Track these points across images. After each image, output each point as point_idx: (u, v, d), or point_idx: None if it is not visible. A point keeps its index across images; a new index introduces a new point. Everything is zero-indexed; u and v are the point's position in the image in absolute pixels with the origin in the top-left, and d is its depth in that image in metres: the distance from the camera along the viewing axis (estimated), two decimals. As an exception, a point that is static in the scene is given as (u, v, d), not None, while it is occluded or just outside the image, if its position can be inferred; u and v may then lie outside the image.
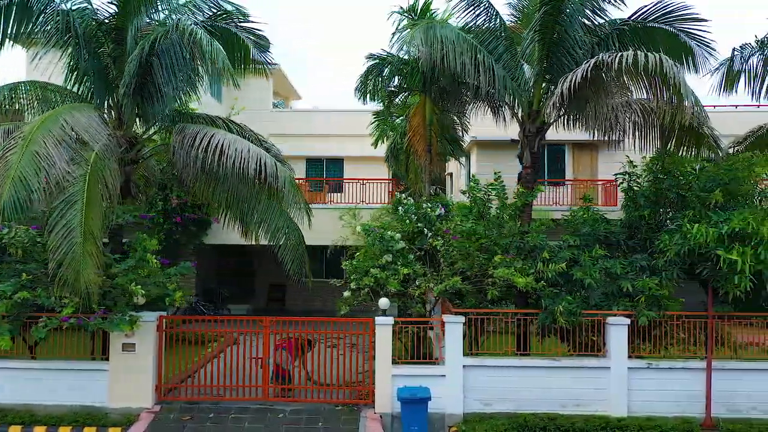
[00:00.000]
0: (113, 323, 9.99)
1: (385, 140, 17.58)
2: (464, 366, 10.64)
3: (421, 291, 10.82)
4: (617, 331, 10.54)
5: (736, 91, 12.45)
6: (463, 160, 20.42)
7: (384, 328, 10.69)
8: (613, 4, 11.38)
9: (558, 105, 10.71)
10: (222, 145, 10.84)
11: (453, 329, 10.65)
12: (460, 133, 17.09)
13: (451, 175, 25.04)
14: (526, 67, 12.07)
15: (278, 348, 11.30)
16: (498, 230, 11.45)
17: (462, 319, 10.64)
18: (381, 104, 15.84)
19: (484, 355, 10.80)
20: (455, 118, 15.26)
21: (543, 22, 10.83)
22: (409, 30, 10.36)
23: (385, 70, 13.91)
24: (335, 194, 21.39)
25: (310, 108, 25.54)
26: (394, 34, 10.39)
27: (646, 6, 10.88)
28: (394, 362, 10.71)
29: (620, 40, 11.43)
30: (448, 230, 10.96)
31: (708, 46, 10.80)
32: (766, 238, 9.56)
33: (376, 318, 10.75)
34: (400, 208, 12.84)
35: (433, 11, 12.96)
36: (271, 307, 23.11)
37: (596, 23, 11.65)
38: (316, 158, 23.89)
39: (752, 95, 12.43)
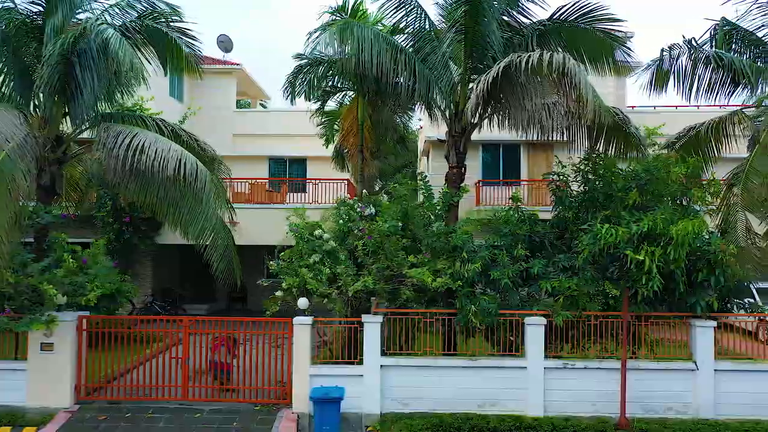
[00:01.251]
0: (24, 323, 9.98)
1: (334, 140, 17.61)
2: (382, 366, 10.64)
3: (339, 291, 10.80)
4: (534, 331, 10.55)
5: (665, 91, 12.45)
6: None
7: (302, 328, 10.70)
8: (537, 4, 11.37)
9: (477, 105, 10.72)
10: (143, 144, 10.88)
11: (370, 329, 10.66)
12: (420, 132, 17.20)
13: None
14: (454, 67, 12.08)
15: (216, 346, 11.37)
16: (424, 230, 11.47)
17: (379, 319, 10.65)
18: (317, 104, 15.82)
19: (402, 356, 10.80)
20: (398, 117, 15.26)
21: (463, 22, 10.83)
22: (324, 30, 10.36)
23: (320, 70, 13.89)
24: (299, 194, 21.44)
25: (273, 108, 25.55)
26: (310, 34, 10.42)
27: (564, 6, 10.89)
28: (313, 362, 10.73)
29: (545, 40, 11.44)
30: (363, 229, 10.95)
31: (625, 46, 10.81)
32: (675, 239, 9.57)
33: (294, 318, 10.76)
34: (341, 207, 12.85)
35: (367, 11, 12.95)
36: (233, 307, 23.15)
37: (521, 23, 11.65)
38: (279, 158, 23.92)
39: (682, 95, 12.43)
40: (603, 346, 10.79)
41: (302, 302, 10.81)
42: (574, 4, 10.72)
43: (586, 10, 10.71)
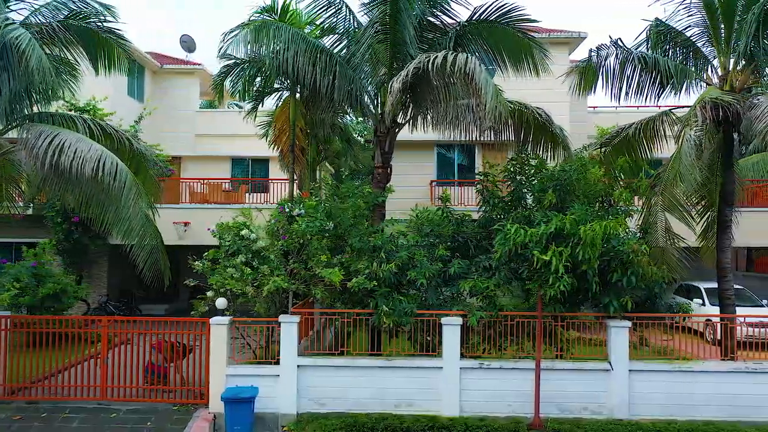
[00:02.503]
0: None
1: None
2: (299, 366, 10.65)
3: (257, 291, 10.80)
4: (450, 331, 10.56)
5: (594, 92, 12.46)
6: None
7: (219, 328, 10.71)
8: (461, 4, 11.38)
9: (395, 106, 10.74)
10: (63, 144, 10.84)
11: (287, 329, 10.66)
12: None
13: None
14: (382, 68, 12.09)
15: (153, 348, 11.40)
16: (349, 230, 11.47)
17: (296, 319, 10.65)
18: (250, 104, 15.80)
19: (318, 356, 10.81)
20: (340, 118, 15.25)
21: (381, 22, 10.84)
22: (241, 29, 10.34)
23: (250, 70, 13.87)
24: (262, 194, 21.42)
25: (235, 109, 25.51)
26: (225, 34, 10.38)
27: (483, 6, 10.90)
28: (230, 362, 10.74)
29: (466, 41, 11.47)
30: (279, 229, 10.96)
31: (541, 47, 10.82)
32: (584, 239, 9.58)
33: (211, 318, 10.78)
34: (286, 207, 12.84)
35: (299, 11, 12.94)
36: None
37: (445, 23, 11.65)
38: (241, 158, 23.90)
39: (611, 96, 12.43)
40: (520, 346, 10.80)
41: (220, 302, 10.83)
42: (492, 4, 10.74)
43: (505, 10, 10.73)
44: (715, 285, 18.38)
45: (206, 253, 11.72)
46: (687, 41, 12.37)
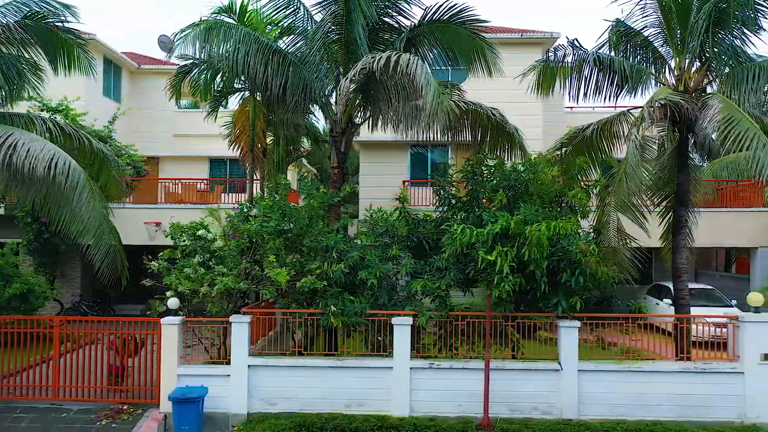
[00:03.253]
0: None
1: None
2: (249, 366, 10.65)
3: (208, 291, 10.80)
4: (400, 331, 10.56)
5: (552, 92, 12.45)
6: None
7: (170, 328, 10.71)
8: (415, 4, 11.38)
9: (351, 106, 10.75)
10: (16, 144, 10.85)
11: (238, 329, 10.67)
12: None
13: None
14: (338, 69, 12.10)
15: (109, 348, 11.42)
16: (305, 230, 11.47)
17: (247, 319, 10.66)
18: (208, 105, 15.81)
19: (269, 356, 10.82)
20: (305, 118, 15.25)
21: (333, 22, 10.84)
22: (189, 30, 10.34)
23: (211, 71, 13.84)
24: (239, 194, 21.40)
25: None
26: (175, 34, 10.36)
27: (435, 6, 10.91)
28: (182, 362, 10.75)
29: (420, 41, 11.48)
30: (229, 230, 10.97)
31: (491, 47, 10.83)
32: (530, 239, 9.60)
33: (162, 318, 10.79)
34: (244, 208, 12.85)
35: (260, 12, 12.91)
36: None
37: (401, 24, 11.67)
38: (219, 159, 23.89)
39: (569, 96, 12.44)
40: (471, 346, 10.81)
41: (172, 302, 10.84)
42: (443, 4, 10.75)
43: (456, 10, 10.74)
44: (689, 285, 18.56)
45: (161, 253, 11.73)
46: (645, 41, 12.37)
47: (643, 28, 12.31)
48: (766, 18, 11.14)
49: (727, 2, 10.48)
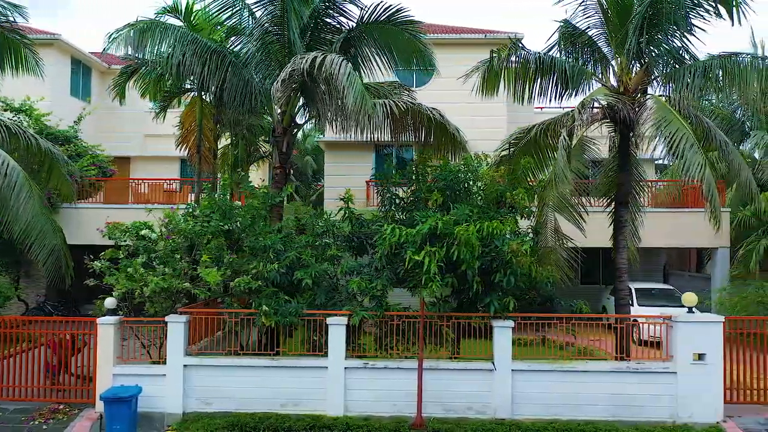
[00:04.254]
0: None
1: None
2: (185, 365, 10.67)
3: (142, 291, 10.82)
4: (335, 331, 10.57)
5: (497, 93, 12.48)
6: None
7: (106, 328, 10.74)
8: (355, 4, 11.41)
9: (288, 106, 10.78)
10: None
11: (174, 329, 10.69)
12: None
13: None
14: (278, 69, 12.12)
15: (47, 347, 11.45)
16: (247, 230, 11.51)
17: (183, 319, 10.68)
18: (156, 105, 15.82)
19: (205, 355, 10.85)
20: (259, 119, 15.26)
21: (272, 22, 10.87)
22: (124, 30, 10.36)
23: (157, 71, 13.86)
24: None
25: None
26: (109, 34, 10.35)
27: (371, 6, 10.95)
28: (119, 362, 10.77)
29: (359, 42, 11.53)
30: (165, 230, 11.00)
31: (426, 47, 10.88)
32: (459, 239, 9.63)
33: (98, 318, 10.82)
34: (190, 208, 12.85)
35: (207, 11, 12.90)
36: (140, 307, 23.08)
37: (342, 24, 11.70)
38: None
39: (514, 97, 12.47)
40: (406, 346, 10.83)
41: (109, 302, 10.87)
42: (379, 5, 10.79)
43: (392, 10, 10.79)
44: (646, 285, 18.64)
45: (103, 253, 11.73)
46: (590, 41, 12.40)
47: (587, 29, 12.35)
48: (700, 18, 11.17)
49: (660, 3, 10.50)
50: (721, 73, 10.80)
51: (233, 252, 11.44)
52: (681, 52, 12.09)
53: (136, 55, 10.71)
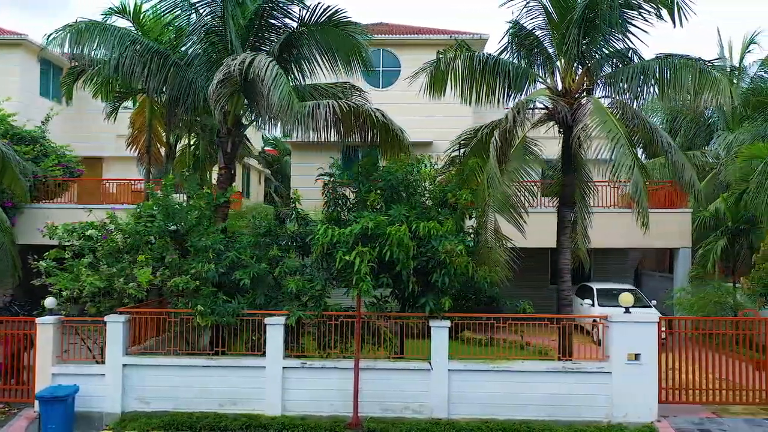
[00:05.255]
0: None
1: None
2: (124, 365, 10.72)
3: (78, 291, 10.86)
4: (273, 331, 10.62)
5: (444, 94, 12.50)
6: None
7: (45, 327, 10.79)
8: (300, 5, 11.44)
9: (234, 107, 10.82)
10: None
11: (113, 329, 10.74)
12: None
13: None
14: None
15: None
16: (192, 230, 11.54)
17: (121, 318, 10.73)
18: (109, 106, 15.86)
19: (143, 355, 10.88)
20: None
21: (213, 23, 10.91)
22: (62, 31, 10.40)
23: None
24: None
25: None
26: (48, 35, 10.38)
27: (311, 6, 11.01)
28: (58, 361, 10.81)
29: (302, 42, 11.56)
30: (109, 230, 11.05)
31: (364, 48, 10.93)
32: (391, 239, 9.68)
33: (37, 318, 10.86)
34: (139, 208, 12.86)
35: (157, 11, 12.91)
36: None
37: (287, 25, 11.74)
38: (161, 158, 23.88)
39: (462, 99, 12.49)
40: (345, 346, 10.87)
41: (49, 302, 10.92)
42: (318, 6, 10.85)
43: (331, 12, 10.84)
44: (609, 285, 18.69)
45: (47, 253, 11.76)
46: (538, 42, 12.43)
47: (534, 30, 12.38)
48: (641, 20, 11.22)
49: (596, 4, 10.54)
50: (657, 74, 10.85)
51: (182, 252, 11.49)
52: (630, 54, 12.16)
53: (73, 55, 10.68)
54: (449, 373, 10.49)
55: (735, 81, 20.75)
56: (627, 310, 10.62)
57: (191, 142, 15.79)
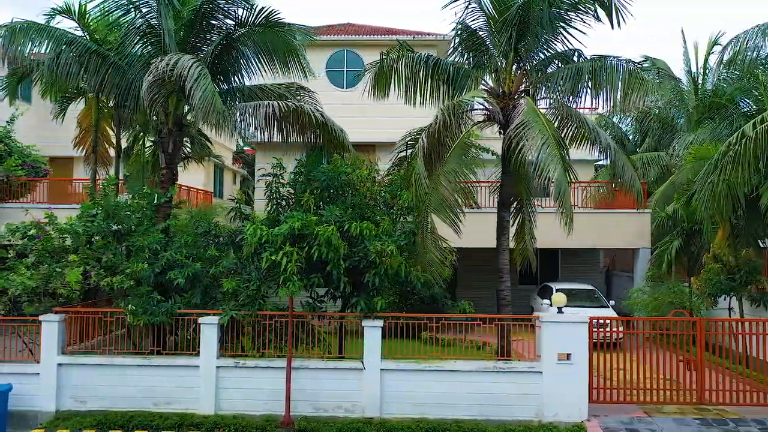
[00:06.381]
0: None
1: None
2: (59, 364, 10.77)
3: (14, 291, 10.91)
4: (208, 330, 10.68)
5: (388, 96, 12.56)
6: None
7: (-20, 327, 10.83)
8: (238, 5, 11.49)
9: (176, 108, 10.87)
10: None
11: (48, 328, 10.79)
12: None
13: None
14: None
15: None
16: (133, 230, 11.60)
17: (57, 318, 10.78)
18: (58, 106, 15.91)
19: (80, 354, 10.94)
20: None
21: (149, 23, 10.95)
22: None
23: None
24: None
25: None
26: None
27: (247, 7, 11.07)
28: (-3, 360, 10.88)
29: (242, 43, 11.62)
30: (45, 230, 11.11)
31: (298, 50, 11.02)
32: (319, 239, 9.73)
33: (-26, 317, 10.92)
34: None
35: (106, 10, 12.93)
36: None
37: (228, 26, 11.80)
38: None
39: (405, 99, 12.55)
40: (280, 345, 10.92)
41: (-14, 301, 10.95)
42: (253, 7, 10.92)
43: (266, 13, 10.91)
44: (569, 286, 18.75)
45: (-10, 254, 11.83)
46: (482, 43, 12.47)
47: (477, 30, 12.41)
48: (580, 21, 11.29)
49: (529, 6, 10.60)
50: (590, 75, 10.91)
51: (128, 253, 11.55)
52: (575, 55, 12.21)
53: (6, 56, 10.71)
54: (381, 373, 10.53)
55: (700, 81, 20.87)
56: (560, 310, 10.68)
57: (144, 143, 15.83)
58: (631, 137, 25.41)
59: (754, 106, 15.38)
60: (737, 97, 15.86)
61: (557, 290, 17.97)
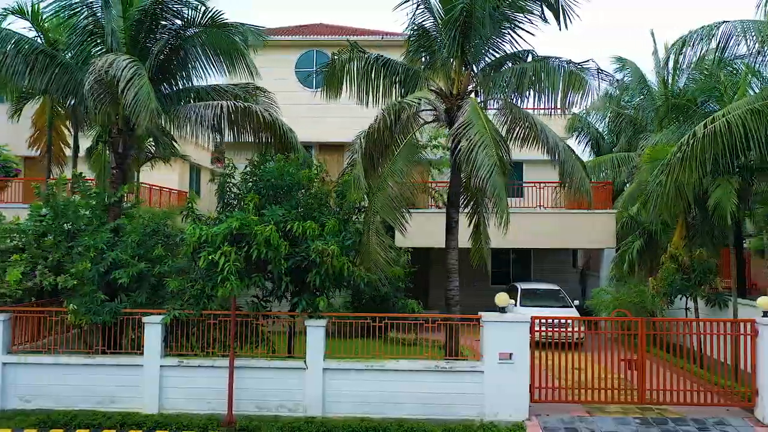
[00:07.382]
0: None
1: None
2: (4, 363, 10.80)
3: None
4: (151, 329, 10.72)
5: (339, 96, 12.60)
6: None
7: (-75, 326, 10.85)
8: (189, 6, 11.51)
9: (124, 109, 10.87)
10: None
11: (-6, 327, 10.82)
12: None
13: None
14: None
15: None
16: (83, 230, 11.63)
17: (2, 317, 10.80)
18: (12, 105, 15.95)
19: (25, 353, 10.97)
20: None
21: (96, 24, 10.98)
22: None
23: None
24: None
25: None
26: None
27: (193, 7, 11.10)
28: (-59, 360, 10.88)
29: (191, 43, 11.68)
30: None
31: (242, 51, 11.07)
32: (257, 239, 9.77)
33: None
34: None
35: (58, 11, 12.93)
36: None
37: (178, 27, 11.83)
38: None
39: (358, 99, 12.58)
40: (224, 344, 10.95)
41: (-67, 301, 10.97)
42: (198, 7, 10.95)
43: (212, 13, 10.95)
44: (534, 286, 18.80)
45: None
46: (433, 43, 12.49)
47: (429, 30, 12.43)
48: (528, 22, 11.34)
49: (472, 7, 10.63)
50: (533, 75, 10.96)
51: (79, 252, 11.56)
52: (527, 56, 12.25)
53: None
54: (324, 372, 10.57)
55: (670, 81, 20.90)
56: (502, 310, 10.72)
57: (106, 141, 15.82)
58: (606, 137, 25.46)
59: (717, 107, 15.45)
60: (699, 98, 15.94)
61: (522, 290, 18.13)
